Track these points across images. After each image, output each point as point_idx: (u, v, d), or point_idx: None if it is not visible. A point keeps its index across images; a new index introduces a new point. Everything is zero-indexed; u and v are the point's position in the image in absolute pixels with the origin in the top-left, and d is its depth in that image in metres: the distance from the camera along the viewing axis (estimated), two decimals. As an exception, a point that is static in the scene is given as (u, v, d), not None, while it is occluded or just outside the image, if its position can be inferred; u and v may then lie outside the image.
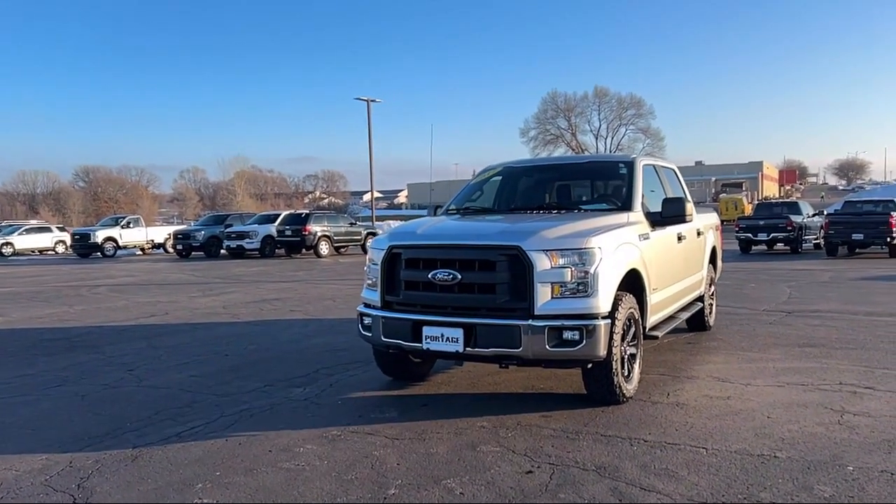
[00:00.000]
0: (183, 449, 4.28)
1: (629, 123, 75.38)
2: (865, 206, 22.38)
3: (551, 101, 75.94)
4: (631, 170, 6.06)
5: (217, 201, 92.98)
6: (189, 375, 6.29)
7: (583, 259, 4.61)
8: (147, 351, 7.54)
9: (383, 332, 5.05)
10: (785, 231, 22.09)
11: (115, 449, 4.30)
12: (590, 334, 4.53)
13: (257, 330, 8.87)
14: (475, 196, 6.68)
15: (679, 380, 5.73)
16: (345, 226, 27.16)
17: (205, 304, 11.84)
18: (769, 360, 6.37)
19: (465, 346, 4.65)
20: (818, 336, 7.52)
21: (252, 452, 4.19)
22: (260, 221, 27.48)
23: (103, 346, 7.92)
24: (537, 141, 76.63)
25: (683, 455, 3.96)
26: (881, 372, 5.84)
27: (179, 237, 28.10)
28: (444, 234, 5.23)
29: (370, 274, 5.36)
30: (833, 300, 10.53)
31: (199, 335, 8.53)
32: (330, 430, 4.57)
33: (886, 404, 4.89)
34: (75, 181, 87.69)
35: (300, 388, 5.72)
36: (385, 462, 3.97)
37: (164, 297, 13.07)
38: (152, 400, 5.47)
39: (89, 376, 6.35)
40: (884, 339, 7.26)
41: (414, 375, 5.85)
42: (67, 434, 4.64)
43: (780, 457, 3.89)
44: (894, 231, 19.23)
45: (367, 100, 39.46)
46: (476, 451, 4.11)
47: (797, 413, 4.72)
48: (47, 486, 3.75)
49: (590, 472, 3.74)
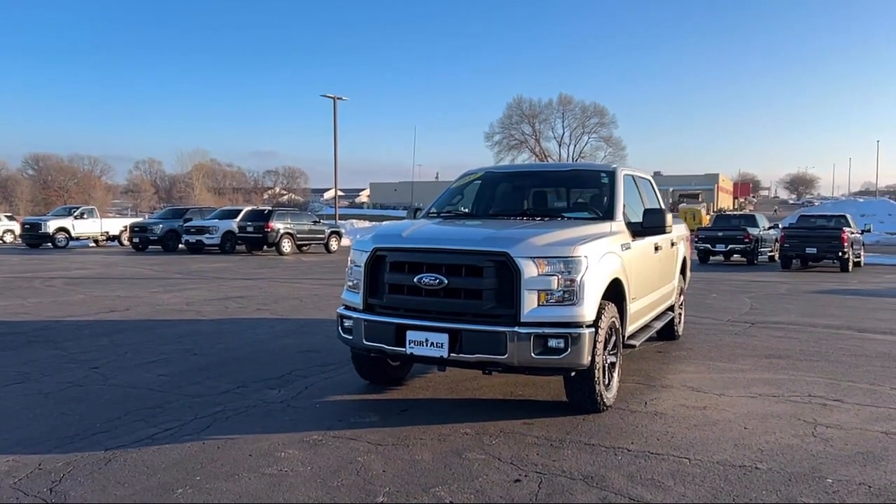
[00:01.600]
0: (158, 452, 4.14)
1: (592, 132, 76.64)
2: (819, 221, 23.04)
3: (516, 106, 76.67)
4: (612, 179, 6.11)
5: (173, 194, 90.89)
6: (157, 375, 6.10)
7: (569, 267, 4.62)
8: (110, 348, 7.30)
9: (365, 335, 4.98)
10: (742, 243, 22.61)
11: (87, 451, 4.14)
12: (575, 342, 4.54)
13: (224, 328, 8.67)
14: (455, 200, 6.65)
15: (654, 389, 5.79)
16: (308, 224, 26.79)
17: (167, 299, 11.54)
18: (739, 371, 6.49)
19: (450, 352, 4.61)
20: (783, 347, 7.70)
21: (231, 456, 4.08)
22: (221, 217, 26.95)
23: (63, 341, 7.64)
24: (502, 146, 77.30)
25: (667, 465, 3.99)
26: (847, 384, 6.00)
27: (136, 230, 27.36)
28: (430, 237, 5.17)
29: (352, 276, 5.28)
30: (793, 312, 10.82)
31: (163, 332, 8.29)
32: (310, 435, 4.48)
33: (856, 417, 5.03)
34: (24, 169, 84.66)
35: (275, 391, 5.60)
36: (370, 468, 3.90)
37: (124, 291, 12.70)
38: (121, 399, 5.29)
39: (51, 373, 6.11)
40: (845, 352, 7.47)
41: (391, 379, 5.79)
42: (33, 434, 4.45)
43: (762, 468, 3.96)
44: (845, 246, 19.86)
45: (334, 97, 39.07)
46: (462, 458, 4.08)
47: (772, 424, 4.81)
48: (17, 489, 3.58)
49: (577, 481, 3.74)
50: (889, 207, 49.06)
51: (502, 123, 77.41)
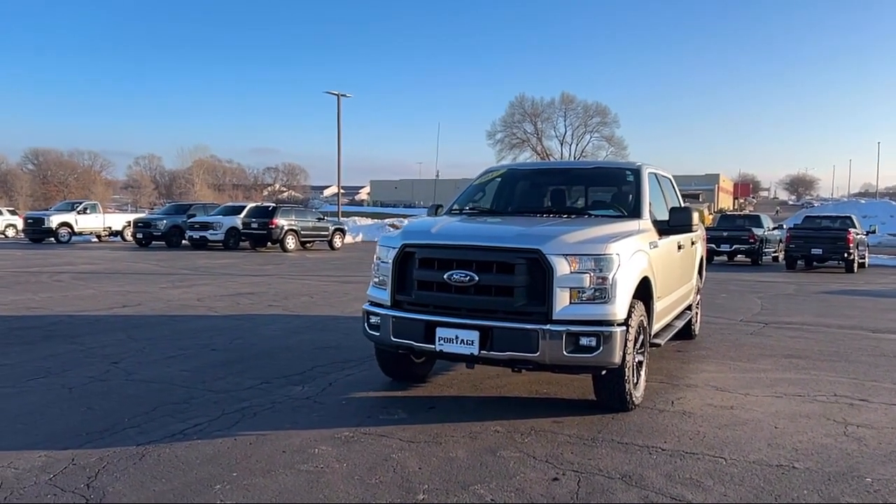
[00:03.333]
0: (191, 447, 4.11)
1: (594, 131, 76.64)
2: (824, 222, 23.05)
3: (519, 105, 76.66)
4: (638, 177, 6.08)
5: (173, 190, 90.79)
6: (179, 370, 6.07)
7: (602, 265, 4.59)
8: (128, 343, 7.27)
9: (393, 331, 4.95)
10: (747, 243, 22.59)
11: (118, 446, 4.11)
12: (606, 341, 4.51)
13: (239, 324, 8.64)
14: (478, 197, 6.62)
15: (679, 388, 5.77)
16: (312, 220, 26.74)
17: (177, 295, 11.50)
18: (761, 371, 6.47)
19: (481, 349, 4.58)
20: (800, 348, 7.69)
21: (265, 452, 4.05)
22: (224, 213, 26.91)
23: (80, 336, 7.60)
24: (504, 144, 77.35)
25: (704, 465, 3.97)
26: (871, 384, 5.98)
27: (140, 225, 27.30)
28: (460, 234, 5.14)
29: (379, 272, 5.25)
30: (804, 312, 10.80)
31: (178, 327, 8.26)
32: (341, 431, 4.45)
33: (885, 416, 5.01)
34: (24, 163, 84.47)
35: (299, 387, 5.57)
36: (406, 466, 3.88)
37: (133, 286, 12.66)
38: (146, 394, 5.26)
39: (73, 367, 6.08)
40: (863, 352, 7.46)
41: (414, 377, 5.76)
42: (62, 429, 4.42)
43: (799, 468, 3.94)
44: (851, 247, 19.85)
45: (338, 94, 38.97)
46: (496, 456, 4.05)
47: (802, 424, 4.79)
48: (53, 485, 3.55)
49: (615, 480, 3.72)
50: (890, 209, 49.06)
51: (504, 122, 77.52)
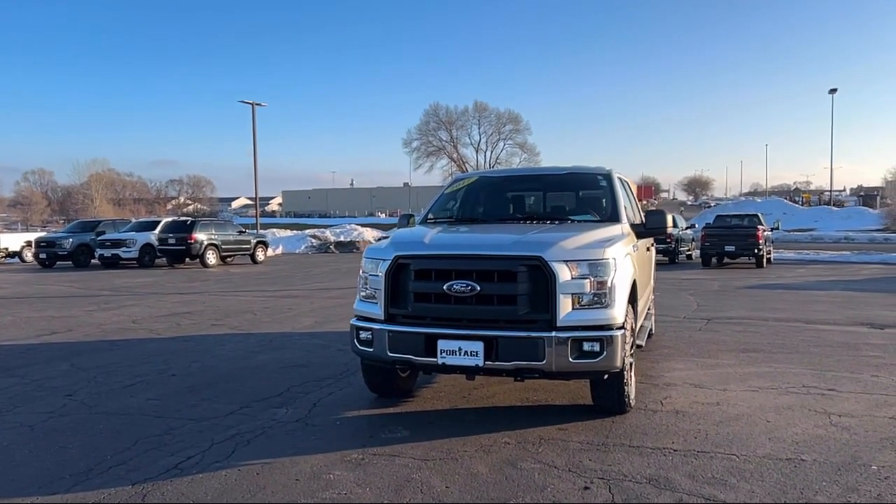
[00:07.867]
0: (194, 483, 3.82)
1: (507, 138, 77.89)
2: (734, 220, 24.38)
3: (433, 113, 76.94)
4: (610, 181, 6.19)
5: (68, 206, 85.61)
6: (145, 399, 5.66)
7: (600, 270, 4.62)
8: (76, 373, 6.72)
9: (389, 346, 4.79)
10: (664, 243, 23.56)
11: (112, 487, 3.77)
12: (609, 345, 4.53)
13: (189, 346, 8.17)
14: (450, 205, 6.53)
15: (660, 387, 5.89)
16: (233, 234, 25.75)
17: (108, 318, 10.78)
18: (727, 366, 6.71)
19: (486, 360, 4.50)
20: (751, 342, 8.03)
21: (279, 482, 3.82)
22: (137, 229, 25.51)
23: (17, 368, 6.97)
24: (420, 152, 77.46)
25: (720, 463, 4.05)
26: (831, 375, 6.31)
27: (43, 245, 25.44)
28: (455, 243, 5.05)
29: (368, 285, 5.07)
30: (737, 308, 11.32)
31: (125, 353, 7.73)
32: (349, 454, 4.26)
33: (858, 405, 5.28)
34: None
35: (282, 409, 5.31)
36: (433, 486, 3.75)
37: (55, 311, 11.77)
38: (119, 428, 4.87)
39: (23, 404, 5.55)
40: (809, 344, 7.88)
41: (400, 391, 5.61)
42: (40, 472, 4.01)
43: (807, 460, 4.08)
44: (761, 243, 21.09)
45: (252, 103, 37.73)
46: (518, 468, 3.99)
47: (789, 417, 4.98)
48: (54, 536, 3.20)
49: (644, 484, 3.73)
50: (783, 206, 52.58)
51: (420, 130, 77.62)
